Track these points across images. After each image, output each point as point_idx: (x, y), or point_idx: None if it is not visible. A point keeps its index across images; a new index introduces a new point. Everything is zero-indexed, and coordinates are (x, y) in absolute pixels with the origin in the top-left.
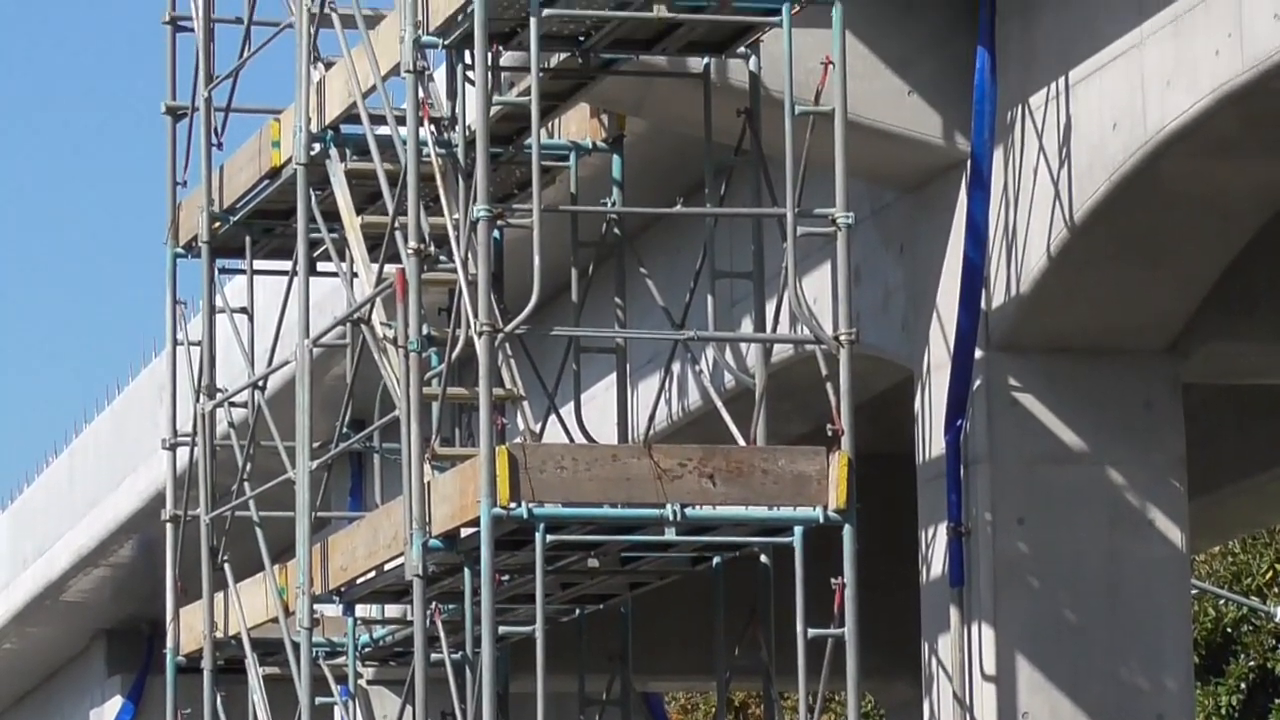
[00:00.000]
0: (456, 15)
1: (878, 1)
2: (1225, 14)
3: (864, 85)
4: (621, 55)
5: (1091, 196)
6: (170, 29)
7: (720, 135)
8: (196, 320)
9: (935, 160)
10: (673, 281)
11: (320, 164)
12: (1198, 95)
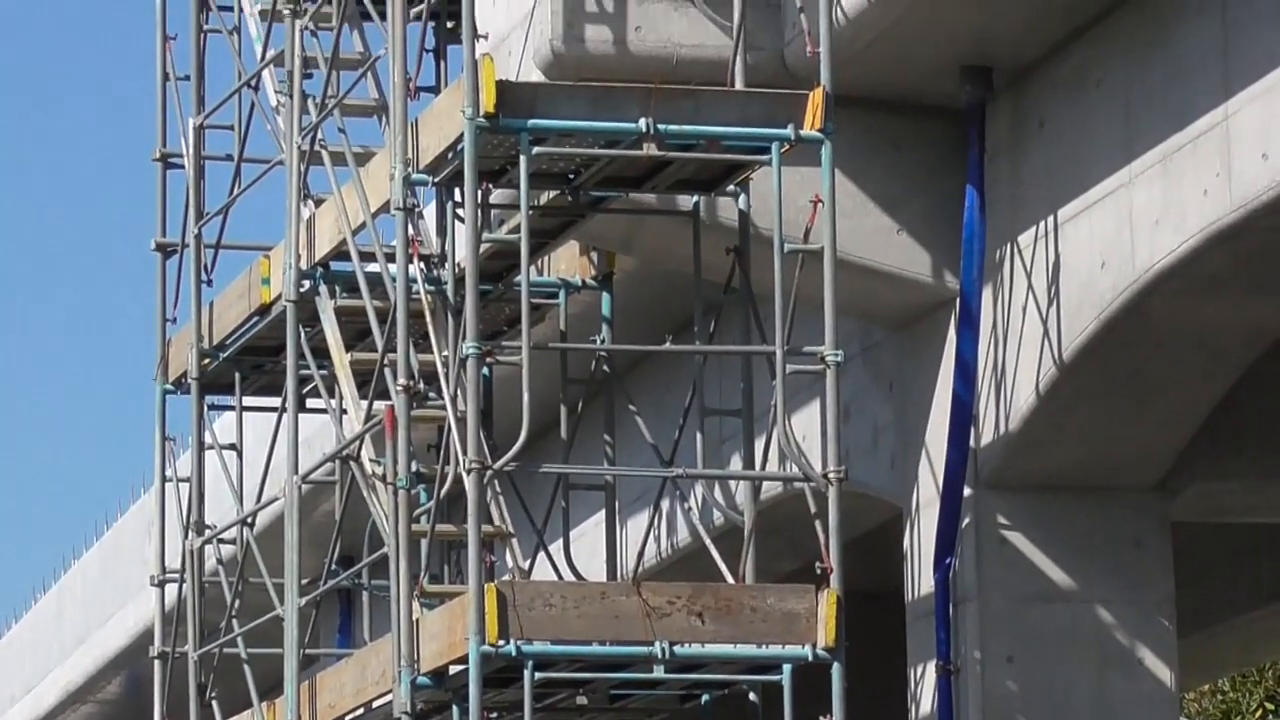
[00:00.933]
0: (447, 153)
1: (867, 140)
2: (1213, 154)
3: (853, 223)
4: (611, 193)
5: (1080, 335)
6: (161, 166)
7: (710, 273)
8: (186, 456)
9: (924, 298)
10: (662, 418)
11: (310, 301)
12: (1186, 234)
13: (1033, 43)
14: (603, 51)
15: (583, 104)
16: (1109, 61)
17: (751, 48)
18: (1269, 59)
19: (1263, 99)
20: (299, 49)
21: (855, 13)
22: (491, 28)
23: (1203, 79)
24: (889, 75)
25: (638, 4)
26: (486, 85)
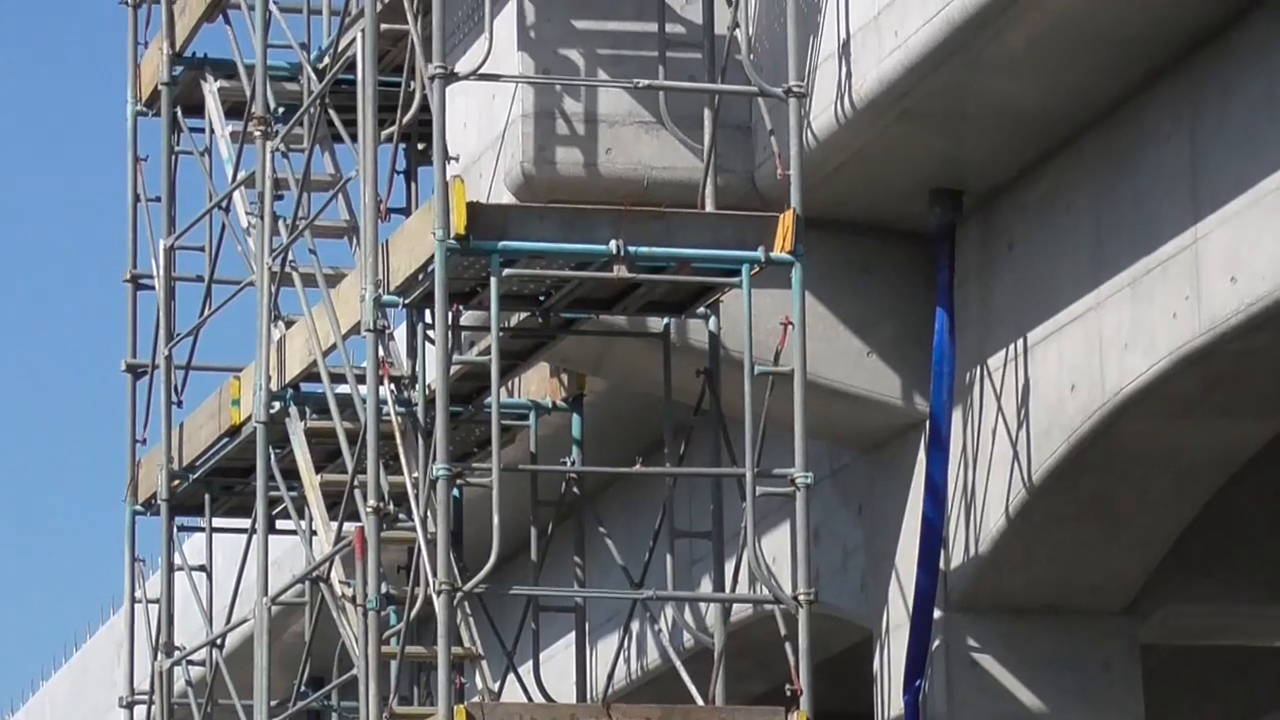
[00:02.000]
0: (417, 274)
1: (837, 264)
2: (1182, 277)
3: (823, 346)
4: (582, 315)
5: (1050, 457)
6: (131, 287)
7: (680, 395)
8: (155, 578)
9: (894, 421)
10: (632, 540)
11: (280, 422)
12: (1155, 357)
13: (1001, 166)
14: (574, 174)
15: (553, 226)
16: (1078, 185)
17: (722, 170)
18: (1237, 183)
19: (1231, 222)
20: (270, 170)
21: (825, 136)
22: (463, 150)
23: (1171, 203)
24: (859, 198)
25: (608, 127)
26: (457, 207)
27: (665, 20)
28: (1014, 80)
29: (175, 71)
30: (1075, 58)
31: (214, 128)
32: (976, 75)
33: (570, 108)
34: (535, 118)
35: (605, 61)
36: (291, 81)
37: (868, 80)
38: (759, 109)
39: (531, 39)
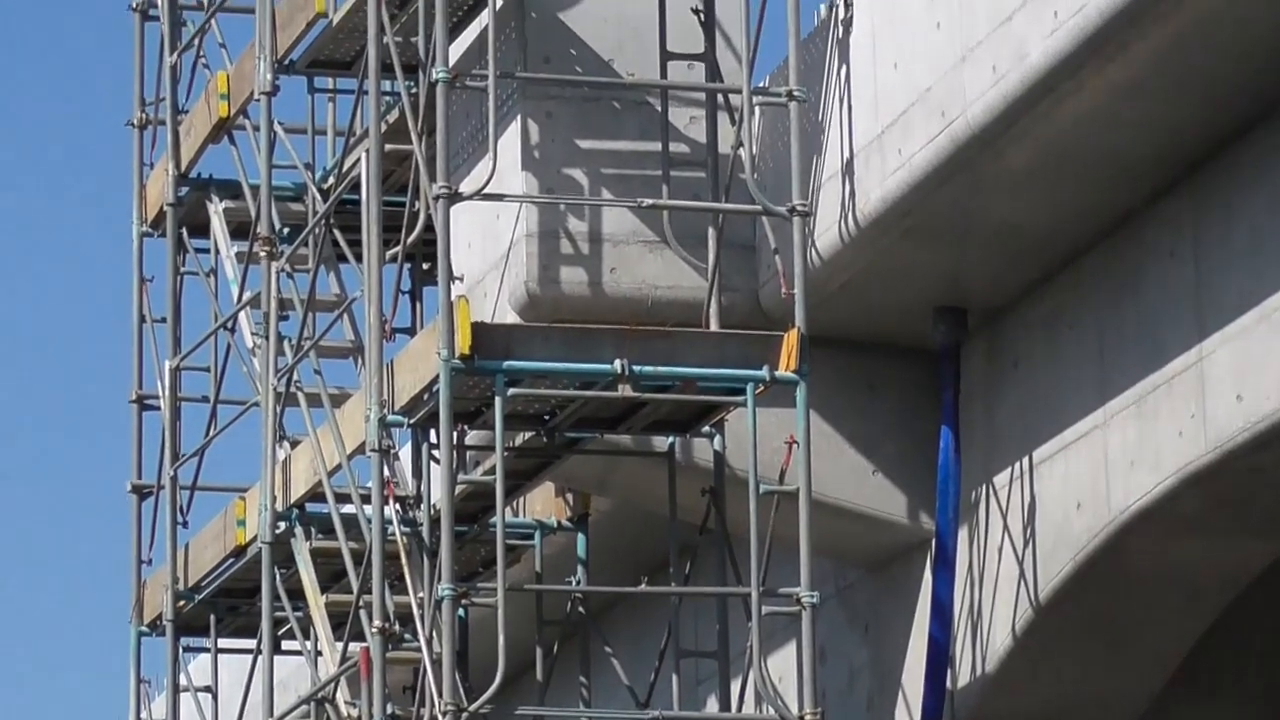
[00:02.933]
0: (422, 394)
1: (842, 382)
2: (1188, 395)
3: (828, 464)
4: (586, 434)
5: (1056, 576)
6: (137, 408)
7: (685, 514)
8: (161, 699)
9: (900, 539)
10: (637, 660)
11: (285, 542)
12: (1161, 476)
13: (1006, 284)
14: (578, 293)
15: (558, 345)
16: (1082, 303)
17: (726, 289)
18: (1241, 300)
19: (1236, 340)
20: (275, 291)
21: (830, 254)
22: (467, 270)
23: (1176, 320)
24: (864, 316)
25: (613, 246)
26: (462, 327)
27: (669, 139)
28: (1017, 199)
29: (181, 192)
30: (1078, 176)
31: (219, 248)
32: (980, 194)
33: (574, 227)
34: (539, 237)
35: (609, 181)
36: (296, 202)
37: (871, 199)
38: (763, 228)
39: (535, 159)
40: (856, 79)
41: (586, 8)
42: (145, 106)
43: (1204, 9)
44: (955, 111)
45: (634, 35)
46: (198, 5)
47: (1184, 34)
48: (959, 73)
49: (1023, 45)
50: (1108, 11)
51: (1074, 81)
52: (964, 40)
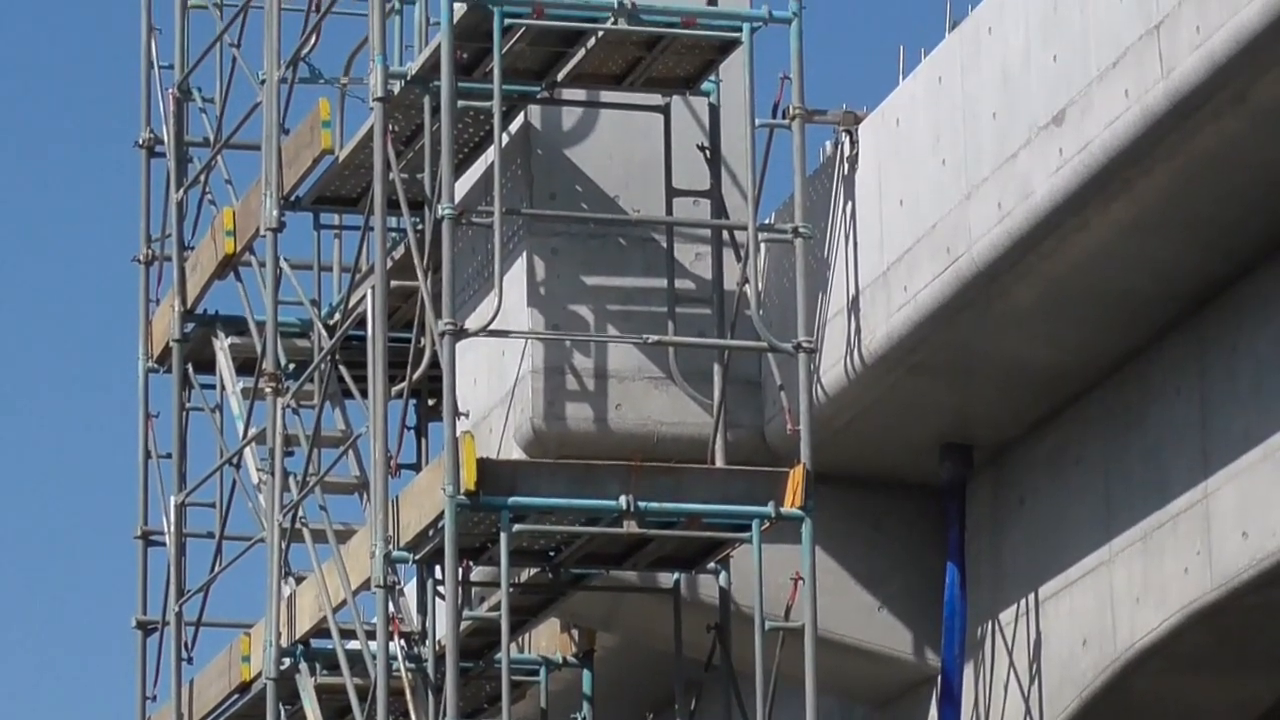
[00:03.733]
0: (427, 530)
1: (848, 517)
2: (1194, 532)
3: (834, 601)
4: (591, 570)
5: (1063, 713)
6: (142, 544)
7: (690, 650)
8: None
9: (905, 676)
10: None
11: (290, 678)
12: (1167, 613)
13: (1012, 421)
14: (583, 429)
15: (563, 481)
16: (1088, 439)
17: (732, 425)
18: (1247, 437)
19: (1242, 477)
20: (281, 427)
21: (835, 391)
22: (473, 405)
23: (1181, 457)
24: (869, 452)
25: (618, 382)
26: (467, 463)
27: (674, 276)
28: (1023, 335)
29: (186, 328)
30: (1083, 313)
31: (225, 384)
32: (985, 331)
33: (580, 363)
34: (545, 373)
35: (615, 317)
36: (302, 338)
37: (877, 335)
38: (768, 364)
39: (541, 295)
40: (862, 215)
41: (592, 145)
42: (151, 243)
43: (1208, 148)
44: (961, 248)
45: (639, 172)
46: (204, 142)
47: (1188, 173)
48: (964, 210)
49: (1027, 183)
50: (1112, 149)
51: (1079, 219)
52: (969, 177)
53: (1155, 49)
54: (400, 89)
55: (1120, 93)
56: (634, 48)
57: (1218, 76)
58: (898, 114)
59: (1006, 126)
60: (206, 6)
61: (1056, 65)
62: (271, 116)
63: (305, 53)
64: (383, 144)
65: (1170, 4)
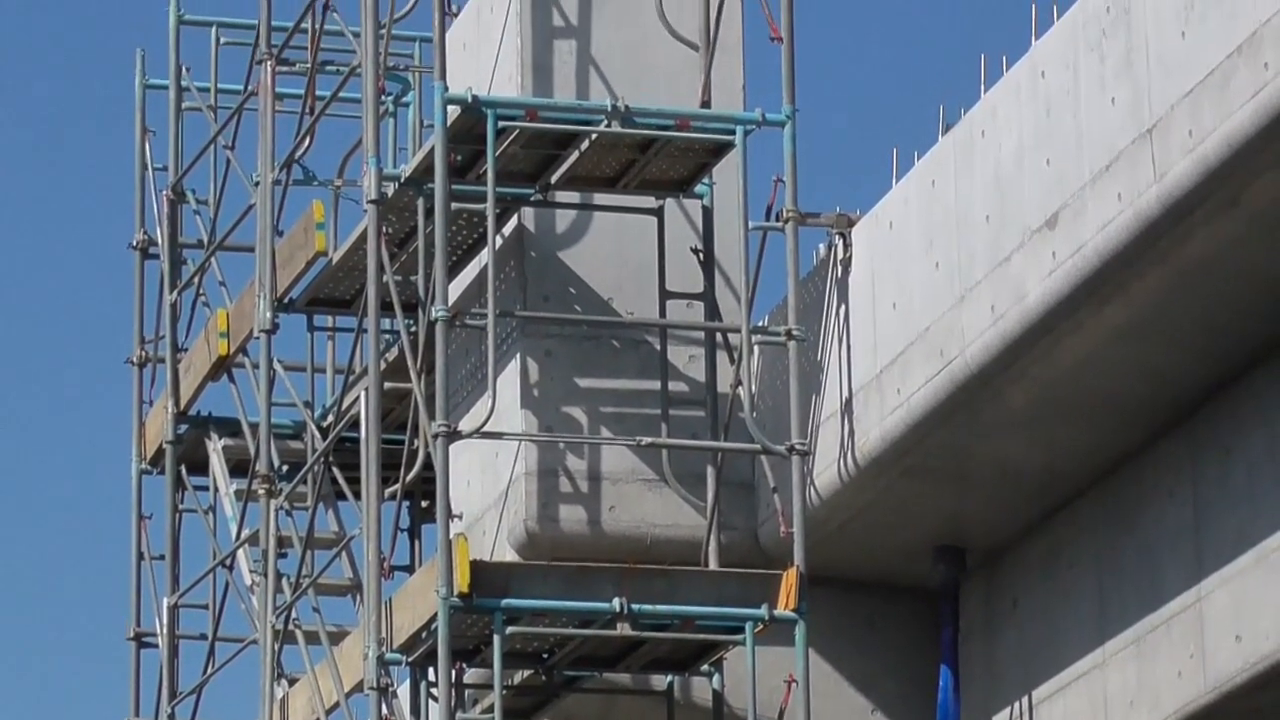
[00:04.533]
0: (420, 632)
1: (841, 620)
2: (1187, 636)
3: (828, 703)
4: (585, 673)
5: None
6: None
7: None
8: None
9: None
10: None
11: None
12: (1161, 716)
13: (1005, 523)
14: (577, 531)
15: (557, 584)
16: (1081, 542)
17: (725, 527)
18: (1239, 541)
19: (1235, 581)
20: (274, 529)
21: (829, 493)
22: (466, 507)
23: (1174, 560)
24: (863, 555)
25: (612, 484)
26: (460, 565)
27: (668, 378)
28: (1016, 438)
29: (180, 430)
30: (1077, 416)
31: (218, 486)
32: (979, 434)
33: (573, 465)
34: (538, 475)
35: (608, 419)
36: (295, 439)
37: (871, 438)
38: (762, 466)
39: (535, 397)
40: (855, 318)
41: (586, 247)
42: (145, 344)
43: (1201, 252)
44: (954, 351)
45: (633, 274)
46: (198, 244)
47: (1182, 276)
48: (957, 313)
49: (1021, 286)
50: (1105, 253)
51: (1072, 322)
52: (962, 280)
53: (1148, 153)
54: (394, 191)
55: (1113, 196)
56: (627, 150)
57: (1211, 180)
58: (891, 217)
59: (1000, 230)
60: (201, 109)
61: (1049, 169)
62: (265, 218)
63: (299, 155)
64: (376, 246)
65: (1163, 108)
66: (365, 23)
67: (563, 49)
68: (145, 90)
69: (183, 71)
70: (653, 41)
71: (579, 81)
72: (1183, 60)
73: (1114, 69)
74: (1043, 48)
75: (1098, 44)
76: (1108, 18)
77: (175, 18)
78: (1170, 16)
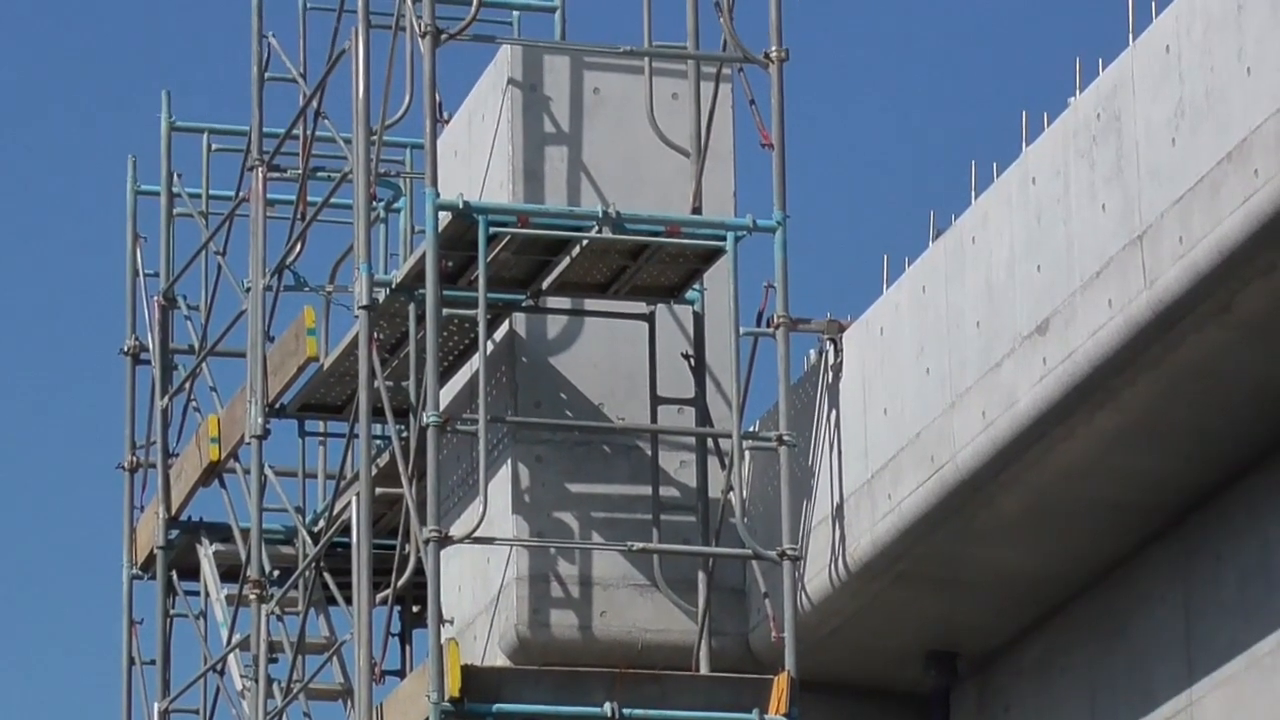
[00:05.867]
0: None
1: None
2: None
3: None
4: None
5: None
6: None
7: None
8: None
9: None
10: None
11: None
12: None
13: (997, 629)
14: (568, 636)
15: (548, 689)
16: (1073, 648)
17: (717, 632)
18: (1231, 646)
19: (1226, 686)
20: (265, 634)
21: (820, 599)
22: (457, 612)
23: (1166, 665)
24: (854, 660)
25: (603, 590)
26: (452, 670)
27: (659, 483)
28: (1008, 544)
29: (171, 535)
30: (1068, 523)
31: (209, 591)
32: (970, 540)
33: (565, 570)
34: (530, 580)
35: (599, 524)
36: (286, 545)
37: (861, 544)
38: (753, 571)
39: (526, 502)
40: (846, 424)
41: (577, 353)
42: (136, 449)
43: (1192, 359)
44: (945, 457)
45: (624, 380)
46: (189, 349)
47: (1173, 382)
48: (948, 419)
49: (1012, 392)
50: (1096, 359)
51: (1063, 428)
52: (953, 386)
53: (1139, 259)
54: (385, 297)
55: (1104, 303)
56: (618, 256)
57: (1201, 287)
58: (882, 323)
59: (990, 336)
60: (192, 215)
61: (1040, 275)
62: (256, 324)
63: (290, 261)
64: (367, 352)
65: (1153, 215)
66: (357, 129)
67: (554, 155)
68: (136, 196)
69: (174, 178)
70: (644, 148)
71: (570, 188)
72: (1173, 167)
73: (1104, 176)
74: (1033, 154)
75: (1088, 151)
76: (1098, 124)
77: (167, 124)
78: (1160, 124)
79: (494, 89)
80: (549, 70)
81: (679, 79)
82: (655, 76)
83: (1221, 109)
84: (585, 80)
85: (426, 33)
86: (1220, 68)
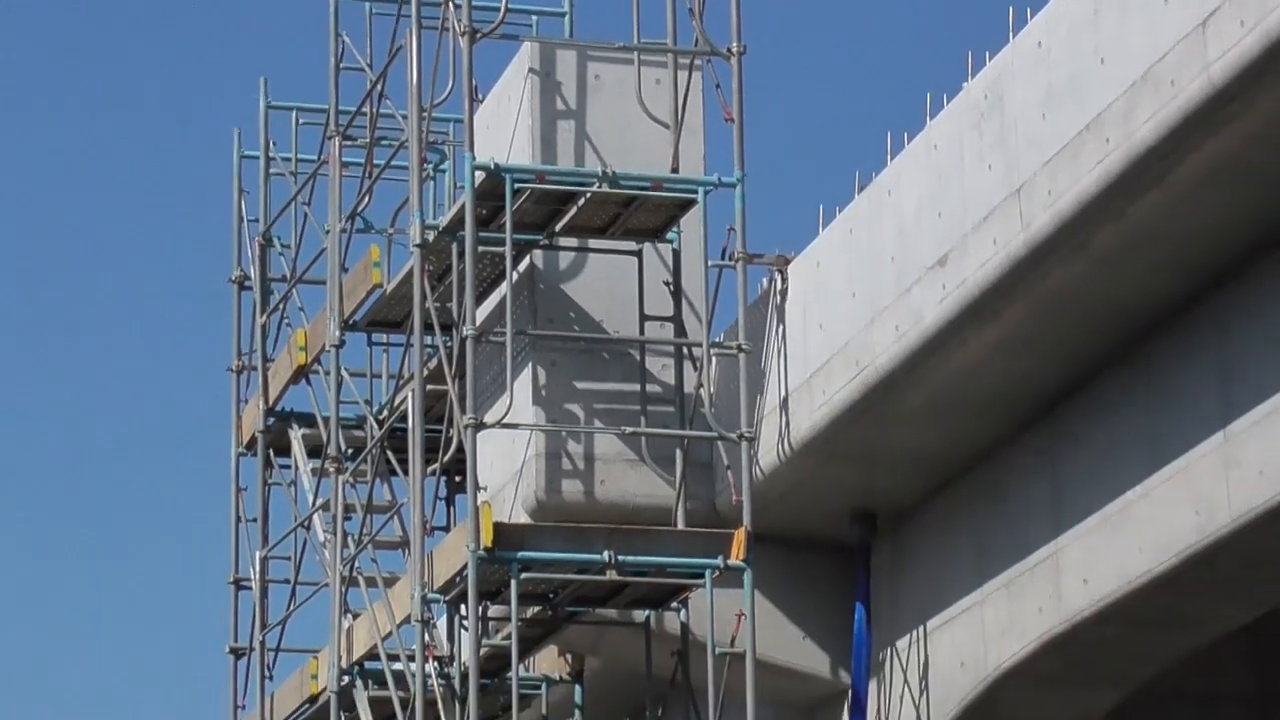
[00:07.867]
0: (455, 578)
1: (780, 568)
2: (1046, 580)
3: (769, 633)
4: (581, 609)
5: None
6: (234, 588)
7: (658, 671)
8: None
9: (824, 690)
10: None
11: (349, 692)
12: (1026, 642)
13: (906, 495)
14: (575, 500)
15: (560, 540)
16: (964, 509)
17: (690, 497)
18: (1089, 505)
19: (1084, 537)
20: (341, 498)
21: (770, 471)
22: (490, 482)
23: (1037, 522)
24: (797, 519)
25: (603, 464)
26: (486, 526)
27: (646, 382)
28: (915, 429)
29: (268, 422)
30: (962, 412)
31: (298, 465)
32: (886, 425)
33: (573, 449)
34: (546, 457)
35: (600, 414)
36: (358, 429)
37: (802, 429)
38: (718, 450)
39: (543, 396)
40: (790, 336)
41: (582, 281)
42: (241, 356)
43: (1058, 286)
44: (866, 361)
45: (619, 302)
46: (282, 278)
47: (1044, 304)
48: (869, 332)
49: (919, 311)
50: (984, 285)
51: (958, 339)
52: (873, 306)
53: (1017, 208)
54: (434, 237)
55: (990, 241)
56: (614, 206)
57: (1065, 229)
58: (819, 258)
59: (902, 267)
60: (284, 174)
61: (941, 220)
62: (334, 258)
63: (361, 209)
64: (420, 280)
65: (1028, 173)
66: (411, 108)
67: (564, 128)
68: (241, 160)
69: (270, 145)
70: (634, 122)
71: (577, 153)
72: (1043, 136)
73: (990, 143)
74: (936, 127)
75: (978, 124)
76: (985, 103)
77: (264, 104)
78: (1033, 103)
79: (517, 76)
80: (560, 61)
81: (661, 68)
82: (643, 66)
83: (1081, 91)
84: (589, 69)
85: (465, 32)
86: (1081, 59)
